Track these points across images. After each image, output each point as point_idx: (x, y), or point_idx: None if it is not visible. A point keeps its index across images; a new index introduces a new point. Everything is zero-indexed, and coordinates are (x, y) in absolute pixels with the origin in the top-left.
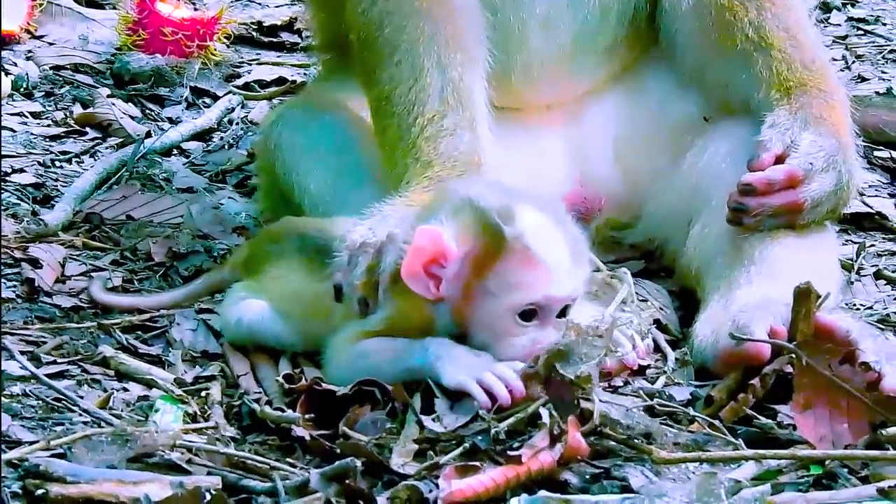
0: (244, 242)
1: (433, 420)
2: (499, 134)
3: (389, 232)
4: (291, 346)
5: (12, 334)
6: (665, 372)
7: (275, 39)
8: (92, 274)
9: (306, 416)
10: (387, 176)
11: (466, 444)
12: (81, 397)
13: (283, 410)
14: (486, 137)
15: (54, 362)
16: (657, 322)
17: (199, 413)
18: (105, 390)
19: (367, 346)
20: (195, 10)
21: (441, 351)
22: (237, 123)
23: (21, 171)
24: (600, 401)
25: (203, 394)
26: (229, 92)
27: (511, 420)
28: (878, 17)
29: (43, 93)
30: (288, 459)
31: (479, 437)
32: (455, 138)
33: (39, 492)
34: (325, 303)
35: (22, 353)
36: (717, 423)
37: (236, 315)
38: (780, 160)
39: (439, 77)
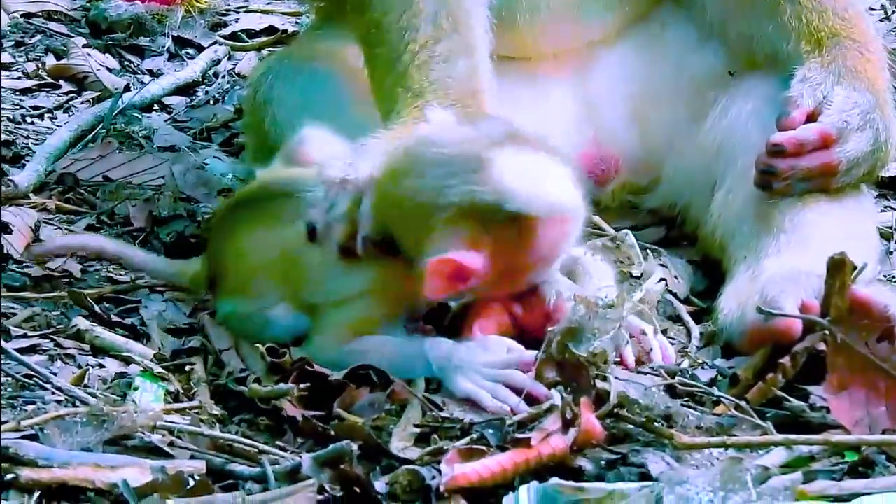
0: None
1: (438, 407)
2: (503, 87)
3: (367, 177)
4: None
5: None
6: (687, 350)
7: None
8: None
9: (300, 387)
10: (378, 109)
11: (474, 436)
12: (54, 374)
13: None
14: (485, 65)
15: (24, 336)
16: (675, 295)
17: (181, 392)
18: (80, 366)
19: (357, 350)
20: None
21: (442, 357)
22: (223, 76)
23: None
24: (616, 379)
25: (186, 370)
26: (215, 42)
27: (525, 415)
28: None
29: (12, 42)
30: (278, 442)
31: (490, 431)
32: (449, 65)
33: (8, 476)
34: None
35: None
36: (743, 404)
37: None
38: (811, 118)
39: (433, 1)
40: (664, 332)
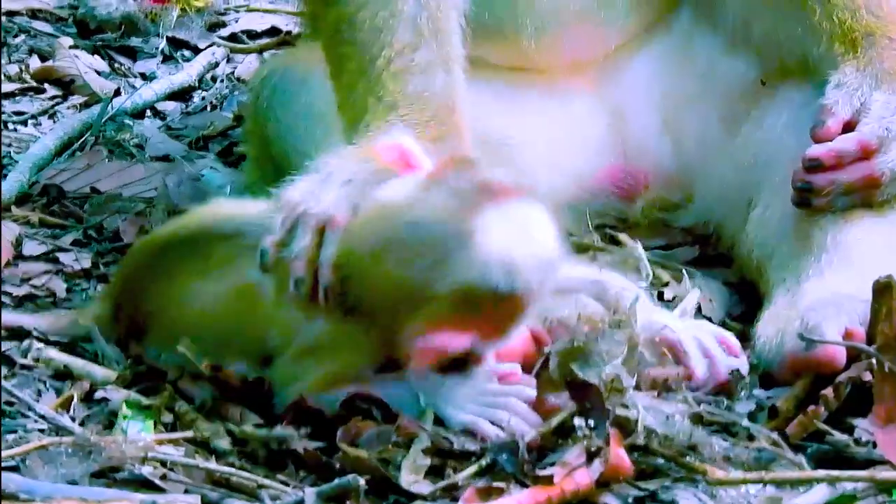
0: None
1: (447, 438)
2: (521, 101)
3: (331, 213)
4: None
5: None
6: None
7: None
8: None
9: (301, 431)
10: (342, 114)
11: (485, 461)
12: (37, 400)
13: (265, 426)
14: (461, 81)
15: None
16: (709, 319)
17: (174, 417)
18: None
19: (339, 398)
20: None
21: (430, 392)
22: (222, 81)
23: None
24: (633, 406)
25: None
26: (213, 44)
27: (534, 434)
28: None
29: None
30: (279, 476)
31: (504, 456)
32: (427, 77)
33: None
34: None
35: None
36: (776, 437)
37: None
38: (848, 127)
39: (414, 2)
40: None
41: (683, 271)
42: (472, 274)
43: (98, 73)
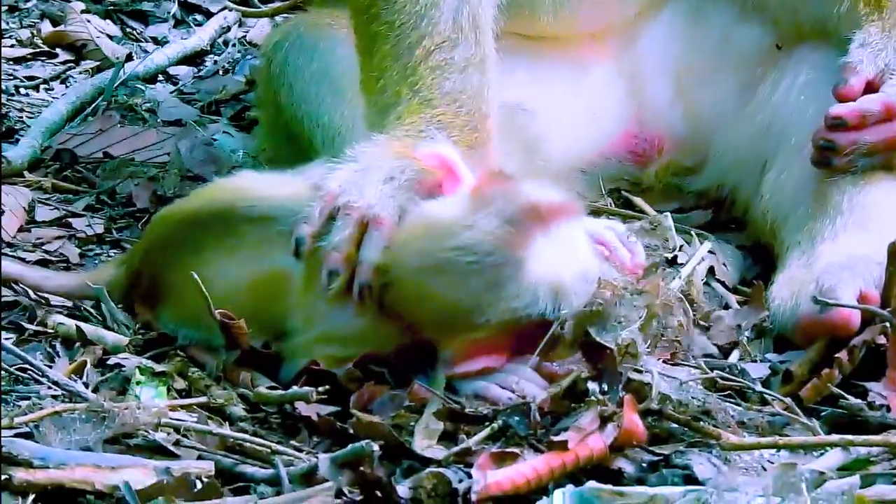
0: (141, 233)
1: (459, 402)
2: (540, 69)
3: (377, 212)
4: None
5: None
6: (738, 342)
7: None
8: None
9: (318, 390)
10: (369, 96)
11: (497, 423)
12: (50, 366)
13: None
14: (495, 84)
15: (19, 326)
16: (723, 283)
17: (187, 384)
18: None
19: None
20: None
21: (440, 359)
22: (234, 45)
23: None
24: (647, 372)
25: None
26: (224, 7)
27: (544, 396)
28: None
29: (5, 7)
30: (292, 442)
31: (516, 419)
32: (464, 77)
33: (1, 477)
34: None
35: None
36: (789, 402)
37: None
38: (871, 87)
39: None
40: (706, 320)
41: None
42: (521, 303)
43: (110, 37)
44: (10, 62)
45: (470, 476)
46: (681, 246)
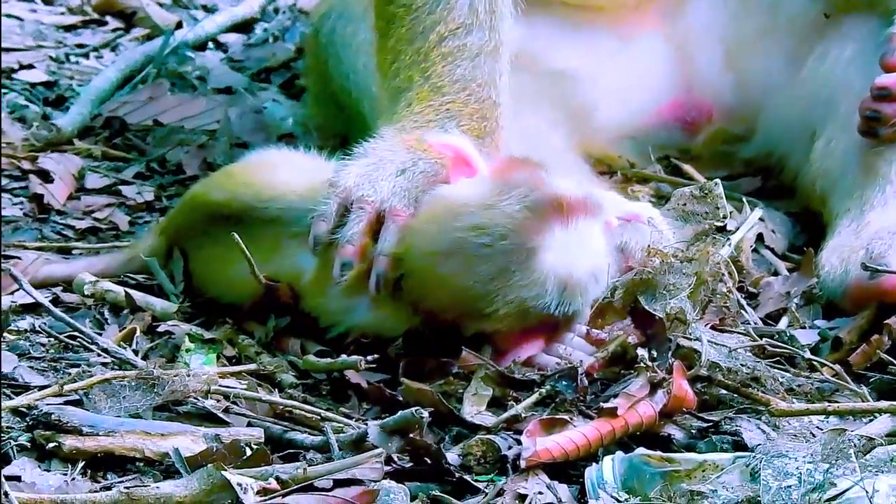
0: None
1: (507, 367)
2: (586, 37)
3: (392, 204)
4: None
5: (18, 258)
6: (787, 308)
7: None
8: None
9: (367, 359)
10: (383, 79)
11: (544, 389)
12: (100, 333)
13: (329, 356)
14: (507, 71)
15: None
16: (772, 250)
17: (236, 351)
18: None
19: None
20: None
21: None
22: (283, 12)
23: (30, 67)
24: (696, 340)
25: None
26: None
27: (591, 360)
28: None
29: None
30: (341, 409)
31: (564, 383)
32: (475, 65)
33: (51, 445)
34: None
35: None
36: (838, 369)
37: None
38: None
39: None
40: (755, 287)
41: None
42: (530, 292)
43: (160, 5)
44: (61, 30)
45: (519, 443)
46: (730, 213)
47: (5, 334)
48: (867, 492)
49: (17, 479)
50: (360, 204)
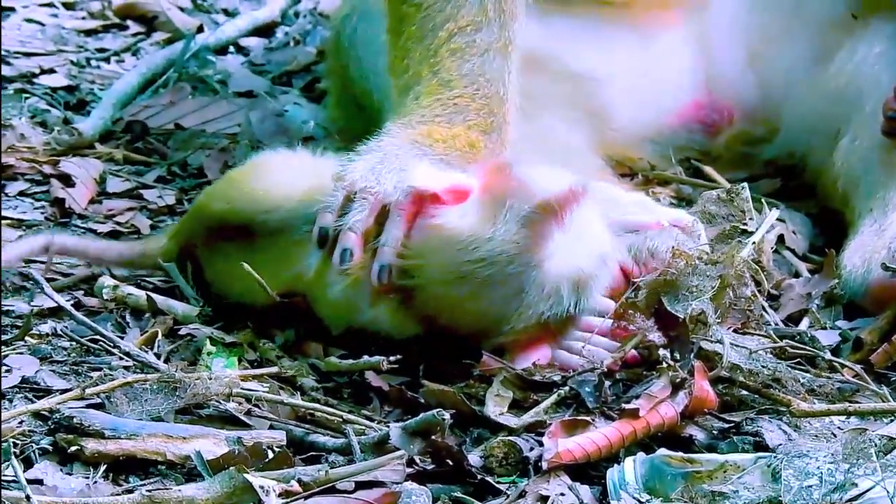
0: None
1: (527, 369)
2: (606, 36)
3: (396, 197)
4: None
5: (40, 262)
6: (808, 309)
7: None
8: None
9: (390, 359)
10: (395, 78)
11: (563, 390)
12: (121, 337)
13: (350, 359)
14: (517, 69)
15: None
16: (793, 251)
17: (258, 355)
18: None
19: None
20: None
21: None
22: (304, 16)
23: (51, 71)
24: (718, 342)
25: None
26: None
27: (609, 360)
28: None
29: None
30: (363, 411)
31: (586, 388)
32: (484, 60)
33: (73, 448)
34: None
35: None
36: (859, 369)
37: None
38: None
39: None
40: (777, 288)
41: (764, 203)
42: (546, 305)
43: (181, 9)
44: (82, 34)
45: (541, 444)
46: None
47: (27, 338)
48: (888, 492)
49: (40, 482)
50: (364, 195)
